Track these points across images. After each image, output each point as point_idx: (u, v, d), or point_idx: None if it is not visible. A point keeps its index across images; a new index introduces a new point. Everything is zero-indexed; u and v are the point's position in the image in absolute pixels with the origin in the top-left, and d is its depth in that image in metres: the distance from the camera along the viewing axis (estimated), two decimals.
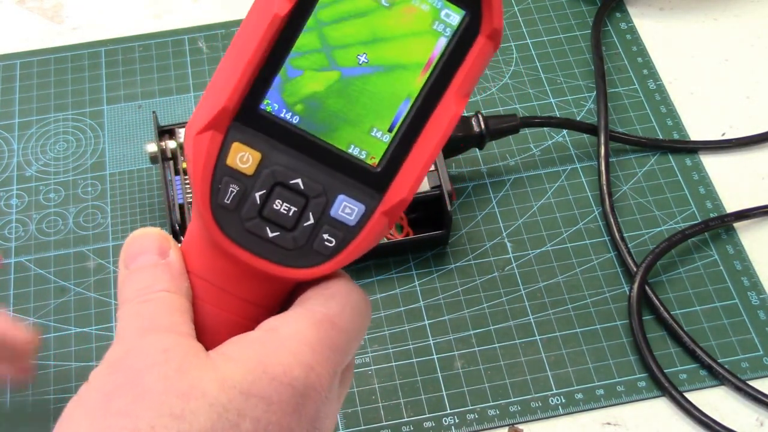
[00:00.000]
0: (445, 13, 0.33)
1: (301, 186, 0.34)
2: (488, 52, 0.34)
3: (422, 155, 0.34)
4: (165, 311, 0.34)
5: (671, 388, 0.53)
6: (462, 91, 0.34)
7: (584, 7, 0.72)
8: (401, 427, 0.52)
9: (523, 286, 0.58)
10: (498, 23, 0.33)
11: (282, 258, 0.34)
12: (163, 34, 0.71)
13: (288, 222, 0.34)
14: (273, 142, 0.33)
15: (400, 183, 0.34)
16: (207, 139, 0.33)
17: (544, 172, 0.63)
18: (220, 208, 0.33)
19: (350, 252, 0.34)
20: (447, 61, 0.33)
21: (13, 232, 0.61)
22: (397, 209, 0.34)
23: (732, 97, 0.67)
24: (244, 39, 0.33)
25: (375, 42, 0.33)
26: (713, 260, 0.59)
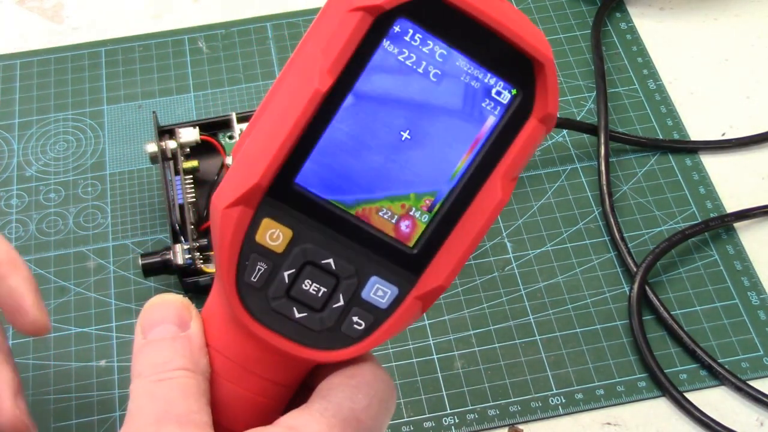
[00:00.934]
0: (497, 91, 0.31)
1: (333, 266, 0.32)
2: (539, 135, 0.32)
3: (463, 240, 0.32)
4: (181, 395, 0.32)
5: (671, 388, 0.53)
6: (509, 175, 0.32)
7: (584, 7, 0.72)
8: (401, 427, 0.52)
9: (523, 286, 0.58)
10: (553, 108, 0.31)
11: (307, 339, 0.32)
12: (163, 34, 0.71)
13: (317, 303, 0.32)
14: (305, 219, 0.31)
15: (438, 267, 0.32)
16: (236, 214, 0.31)
17: (544, 172, 0.63)
18: (246, 285, 0.32)
19: (379, 336, 0.33)
20: (495, 142, 0.31)
21: (13, 232, 0.61)
22: (434, 295, 0.33)
23: (732, 97, 0.67)
24: (281, 111, 0.31)
25: (420, 117, 0.31)
26: (713, 260, 0.59)
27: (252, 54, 0.70)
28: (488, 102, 0.31)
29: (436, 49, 0.30)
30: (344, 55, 0.30)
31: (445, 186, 0.32)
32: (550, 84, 0.31)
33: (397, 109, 0.31)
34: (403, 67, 0.30)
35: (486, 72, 0.31)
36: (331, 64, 0.30)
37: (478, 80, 0.31)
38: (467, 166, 0.32)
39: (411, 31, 0.30)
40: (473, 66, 0.31)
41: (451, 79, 0.31)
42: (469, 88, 0.31)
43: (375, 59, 0.30)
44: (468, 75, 0.31)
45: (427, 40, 0.30)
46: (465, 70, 0.31)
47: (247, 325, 0.32)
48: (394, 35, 0.30)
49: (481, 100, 0.31)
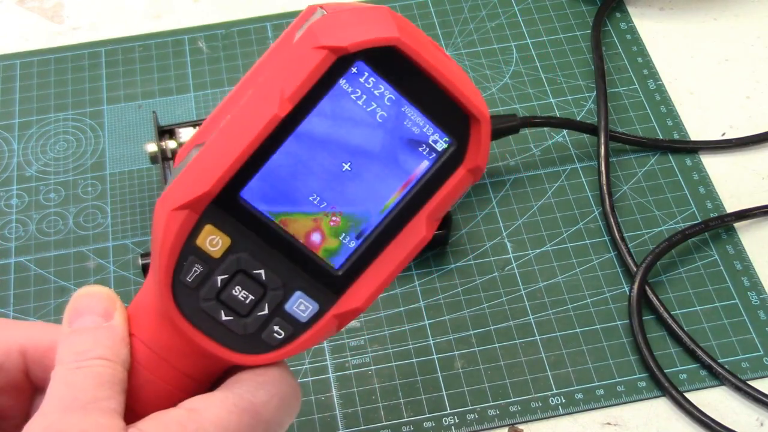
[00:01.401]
0: (434, 138, 0.34)
1: (263, 277, 0.34)
2: (466, 184, 0.35)
3: (384, 269, 0.35)
4: (93, 383, 0.33)
5: (671, 388, 0.53)
6: (434, 216, 0.35)
7: (584, 7, 0.72)
8: (401, 427, 0.52)
9: (523, 286, 0.58)
10: (482, 161, 0.34)
11: (229, 342, 0.35)
12: (163, 34, 0.71)
13: (243, 309, 0.34)
14: (244, 230, 0.34)
15: (357, 291, 0.35)
16: (182, 217, 0.33)
17: (544, 172, 0.63)
18: (180, 284, 0.34)
19: (295, 347, 0.35)
20: (425, 184, 0.34)
21: (13, 232, 0.61)
22: (349, 316, 0.35)
23: (732, 97, 0.67)
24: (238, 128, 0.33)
25: (362, 152, 0.34)
26: (713, 260, 0.59)
27: (252, 54, 0.70)
28: (424, 147, 0.34)
29: (386, 94, 0.33)
30: (305, 86, 0.32)
31: (375, 217, 0.34)
32: (483, 139, 0.34)
33: (342, 143, 0.34)
34: (354, 105, 0.33)
35: (427, 120, 0.34)
36: (291, 93, 0.32)
37: (419, 126, 0.34)
38: (397, 202, 0.34)
39: (366, 74, 0.33)
40: (416, 113, 0.33)
41: (395, 122, 0.34)
42: (409, 132, 0.34)
43: (330, 94, 0.33)
44: (410, 121, 0.34)
45: (379, 84, 0.33)
46: (408, 116, 0.34)
47: (175, 321, 0.34)
48: (350, 75, 0.33)
49: (419, 144, 0.34)
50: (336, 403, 0.53)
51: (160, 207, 0.34)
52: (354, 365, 0.55)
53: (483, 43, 0.70)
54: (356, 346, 0.55)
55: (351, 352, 0.55)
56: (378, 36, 0.32)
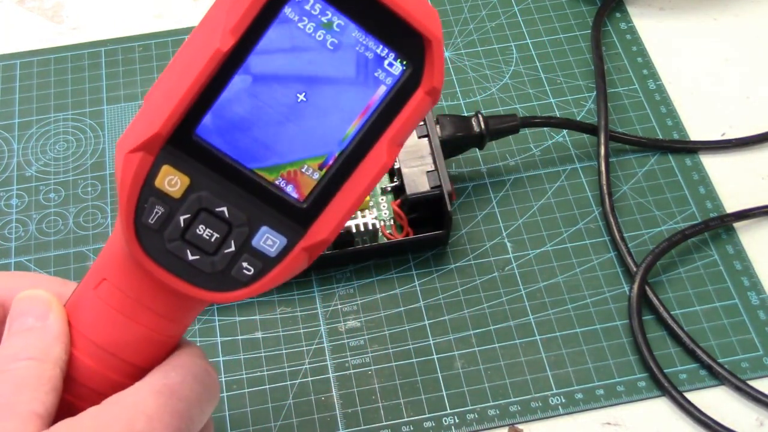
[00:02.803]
0: (389, 62, 0.33)
1: (226, 214, 0.34)
2: (425, 106, 0.34)
3: (349, 198, 0.34)
4: (14, 387, 0.34)
5: (671, 388, 0.53)
6: (395, 141, 0.34)
7: (584, 7, 0.72)
8: (401, 427, 0.52)
9: (523, 286, 0.58)
10: (438, 82, 0.34)
11: (199, 280, 0.35)
12: (163, 34, 0.71)
13: (209, 247, 0.34)
14: (203, 169, 0.33)
15: (324, 222, 0.35)
16: (137, 159, 0.33)
17: (544, 172, 0.63)
18: (143, 227, 0.34)
19: (266, 282, 0.35)
20: (384, 110, 0.34)
21: (13, 232, 0.61)
22: (318, 247, 0.35)
23: (732, 97, 0.67)
24: (184, 66, 0.33)
25: (316, 82, 0.33)
26: (713, 260, 0.59)
27: None
28: (380, 72, 0.33)
29: (334, 20, 0.33)
30: (246, 17, 0.32)
31: (335, 147, 0.34)
32: (437, 60, 0.33)
33: (294, 73, 0.33)
34: (302, 33, 0.32)
35: (380, 43, 0.33)
36: (233, 25, 0.32)
37: (372, 51, 0.33)
38: (357, 130, 0.34)
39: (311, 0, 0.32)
40: (368, 38, 0.33)
41: (347, 48, 0.33)
42: (363, 57, 0.33)
43: (276, 24, 0.32)
44: (363, 46, 0.33)
45: (326, 10, 0.32)
46: (360, 41, 0.33)
47: (143, 264, 0.34)
48: (295, 3, 0.32)
49: (374, 69, 0.33)
50: (336, 403, 0.53)
51: (117, 150, 0.34)
52: (354, 365, 0.55)
53: (483, 43, 0.70)
54: (356, 346, 0.55)
55: (351, 352, 0.55)
56: None
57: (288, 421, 0.52)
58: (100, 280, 0.36)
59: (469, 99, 0.67)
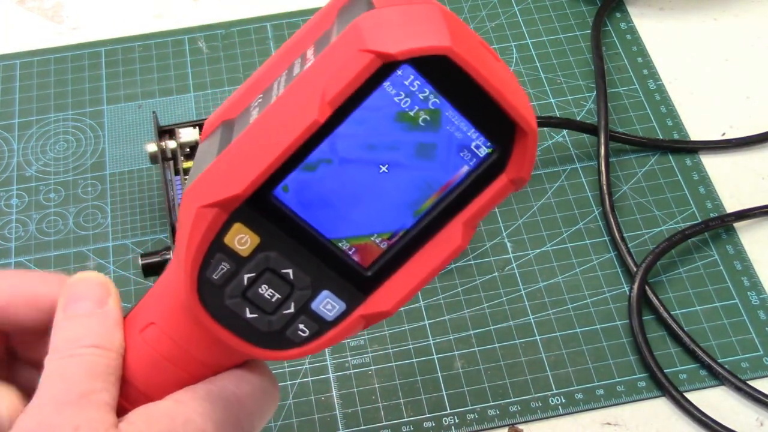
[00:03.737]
0: (476, 144, 0.33)
1: (291, 276, 0.34)
2: (506, 193, 0.33)
3: (416, 273, 0.34)
4: (86, 374, 0.33)
5: (671, 388, 0.53)
6: (471, 224, 0.34)
7: (584, 7, 0.72)
8: (401, 427, 0.52)
9: (523, 286, 0.58)
10: (527, 174, 0.33)
11: (252, 338, 0.34)
12: (163, 34, 0.71)
13: (269, 307, 0.34)
14: (274, 229, 0.33)
15: (386, 292, 0.34)
16: (211, 215, 0.32)
17: (544, 172, 0.63)
18: (206, 281, 0.33)
19: (319, 344, 0.34)
20: (464, 190, 0.33)
21: (13, 232, 0.61)
22: (377, 318, 0.34)
23: (732, 97, 0.67)
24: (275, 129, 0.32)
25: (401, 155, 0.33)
26: (713, 260, 0.59)
27: (252, 54, 0.70)
28: (466, 153, 0.33)
29: (431, 98, 0.32)
30: (347, 90, 0.31)
31: (408, 221, 0.34)
32: (530, 151, 0.33)
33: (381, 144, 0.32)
34: (396, 107, 0.32)
35: (470, 126, 0.32)
36: (333, 98, 0.31)
37: (461, 131, 0.32)
38: (433, 206, 0.33)
39: (412, 77, 0.31)
40: (460, 119, 0.32)
41: (437, 126, 0.32)
42: (451, 136, 0.33)
43: (373, 97, 0.31)
44: (453, 125, 0.32)
45: (424, 87, 0.32)
46: (452, 121, 0.32)
47: (199, 317, 0.34)
48: (395, 78, 0.31)
49: (460, 150, 0.33)
50: (336, 403, 0.53)
51: (187, 199, 0.33)
52: (354, 365, 0.55)
53: None
54: (356, 346, 0.55)
55: (351, 352, 0.55)
56: (429, 44, 0.31)
57: (288, 421, 0.52)
58: (147, 324, 0.36)
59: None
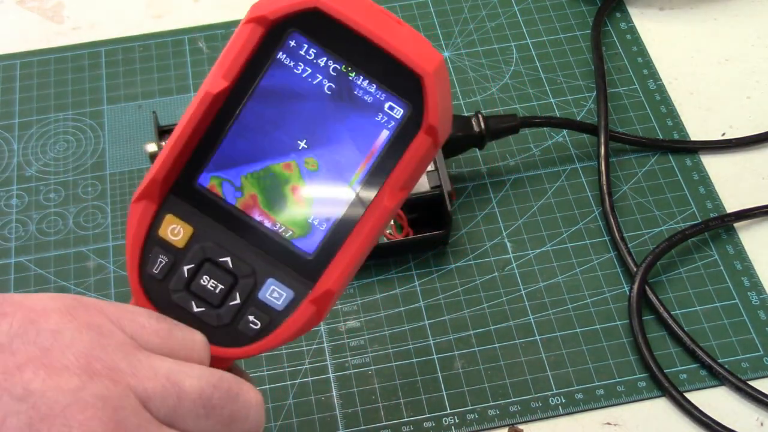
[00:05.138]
0: (389, 105, 0.33)
1: (230, 264, 0.34)
2: (427, 147, 0.33)
3: (354, 248, 0.34)
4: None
5: (671, 388, 0.53)
6: (398, 185, 0.33)
7: (584, 7, 0.72)
8: (401, 427, 0.52)
9: (523, 286, 0.58)
10: (433, 120, 0.32)
11: (206, 334, 0.34)
12: (163, 34, 0.71)
13: (214, 299, 0.34)
14: (207, 219, 0.33)
15: (330, 273, 0.34)
16: (140, 208, 0.33)
17: (544, 172, 0.63)
18: (148, 276, 0.34)
19: (275, 337, 0.34)
20: (386, 154, 0.33)
21: (13, 232, 0.61)
22: (325, 299, 0.34)
23: (732, 97, 0.67)
24: (184, 115, 0.33)
25: (316, 128, 0.33)
26: (713, 260, 0.59)
27: None
28: (382, 116, 0.33)
29: (330, 64, 0.32)
30: (237, 60, 0.32)
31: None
32: (431, 96, 0.32)
33: (294, 119, 0.33)
34: (298, 79, 0.32)
35: (377, 87, 0.32)
36: (225, 70, 0.32)
37: (371, 94, 0.32)
38: (361, 178, 0.33)
39: (305, 46, 0.32)
40: (365, 80, 0.32)
41: (345, 92, 0.32)
42: (362, 102, 0.33)
43: (271, 70, 0.32)
44: (361, 89, 0.32)
45: (321, 55, 0.32)
46: (358, 84, 0.32)
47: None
48: (289, 49, 0.32)
49: (375, 114, 0.33)
50: (336, 403, 0.53)
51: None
52: (354, 365, 0.55)
53: (483, 43, 0.70)
54: (356, 346, 0.55)
55: (351, 352, 0.55)
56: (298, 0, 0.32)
57: (288, 421, 0.52)
58: None
59: (469, 99, 0.67)
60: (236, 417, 0.31)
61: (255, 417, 0.32)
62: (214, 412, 0.31)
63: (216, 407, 0.31)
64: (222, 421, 0.31)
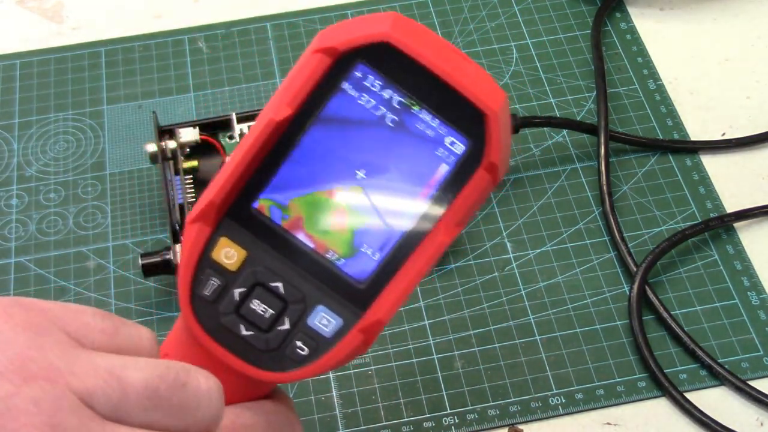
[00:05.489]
0: (450, 140, 0.33)
1: (281, 290, 0.34)
2: (485, 184, 0.33)
3: (406, 280, 0.34)
4: None
5: (671, 388, 0.53)
6: (454, 221, 0.33)
7: (584, 7, 0.72)
8: (401, 427, 0.52)
9: (523, 286, 0.58)
10: (495, 158, 0.32)
11: (251, 357, 0.34)
12: (163, 34, 0.71)
13: (263, 323, 0.34)
14: (261, 243, 0.34)
15: (381, 303, 0.34)
16: (194, 230, 0.33)
17: (544, 172, 0.63)
18: (198, 298, 0.34)
19: (322, 364, 0.34)
20: (444, 189, 0.33)
21: (13, 232, 0.61)
22: (374, 328, 0.34)
23: (732, 97, 0.67)
24: (245, 139, 0.33)
25: (376, 159, 0.33)
26: (713, 260, 0.59)
27: (252, 54, 0.70)
28: (442, 151, 0.33)
29: (394, 96, 0.32)
30: (303, 89, 0.32)
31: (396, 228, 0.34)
32: (494, 134, 0.32)
33: (354, 149, 0.33)
34: (361, 110, 0.32)
35: (440, 121, 0.32)
36: (290, 98, 0.32)
37: (432, 128, 0.33)
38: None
39: (371, 77, 0.32)
40: (428, 114, 0.32)
41: (408, 126, 0.33)
42: (423, 135, 0.33)
43: (335, 99, 0.32)
44: (423, 123, 0.32)
45: (386, 87, 0.32)
46: (420, 118, 0.32)
47: (197, 336, 0.34)
48: (354, 79, 0.32)
49: (435, 148, 0.33)
50: (336, 403, 0.53)
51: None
52: (354, 365, 0.55)
53: (483, 43, 0.70)
54: None
55: None
56: (368, 33, 0.32)
57: None
58: (163, 355, 0.35)
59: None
60: (186, 406, 0.30)
61: (207, 405, 0.31)
62: (162, 404, 0.30)
63: (163, 398, 0.30)
64: (171, 411, 0.30)
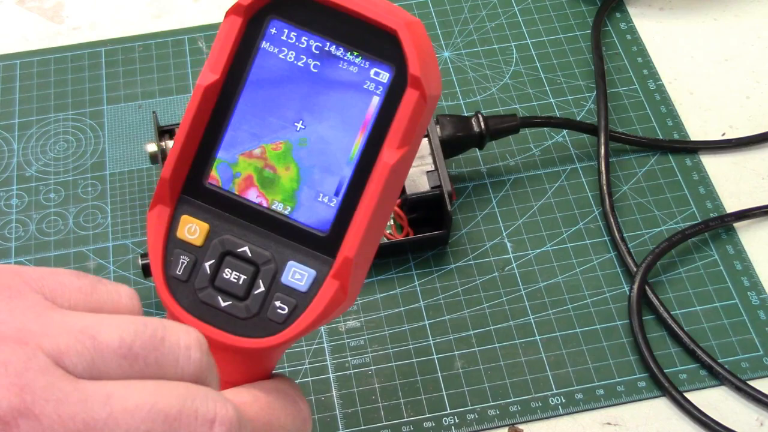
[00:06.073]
0: (374, 71, 0.33)
1: (249, 254, 0.34)
2: (415, 100, 0.33)
3: (365, 213, 0.34)
4: None
5: (671, 388, 0.53)
6: (395, 143, 0.33)
7: (584, 7, 0.72)
8: (401, 427, 0.52)
9: (523, 286, 0.58)
10: (415, 70, 0.33)
11: (236, 328, 0.34)
12: (163, 34, 0.71)
13: (239, 291, 0.34)
14: (220, 213, 0.34)
15: (346, 243, 0.34)
16: (155, 213, 0.34)
17: (544, 172, 0.63)
18: (173, 279, 0.34)
19: (305, 319, 0.34)
20: (381, 118, 0.33)
21: (13, 232, 0.61)
22: (345, 269, 0.34)
23: (732, 97, 0.67)
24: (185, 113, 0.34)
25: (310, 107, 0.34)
26: (713, 260, 0.59)
27: None
28: (369, 83, 0.33)
29: (311, 43, 0.33)
30: (223, 52, 0.33)
31: (347, 169, 0.34)
32: (409, 49, 0.33)
33: (287, 103, 0.34)
34: (285, 63, 0.33)
35: (360, 56, 0.33)
36: (213, 63, 0.33)
37: (356, 65, 0.33)
38: (362, 147, 0.34)
39: (285, 30, 0.33)
40: (347, 52, 0.33)
41: (332, 68, 0.33)
42: (348, 73, 0.33)
43: (258, 59, 0.33)
44: (344, 61, 0.33)
45: (301, 36, 0.33)
46: (341, 57, 0.33)
47: (179, 317, 0.34)
48: (271, 36, 0.33)
49: (363, 83, 0.33)
50: (336, 403, 0.53)
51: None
52: (354, 365, 0.55)
53: (483, 43, 0.70)
54: (356, 346, 0.55)
55: (351, 352, 0.55)
56: None
57: None
58: None
59: (469, 99, 0.67)
60: (164, 363, 0.30)
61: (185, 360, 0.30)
62: (138, 361, 0.29)
63: (139, 355, 0.29)
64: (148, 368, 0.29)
